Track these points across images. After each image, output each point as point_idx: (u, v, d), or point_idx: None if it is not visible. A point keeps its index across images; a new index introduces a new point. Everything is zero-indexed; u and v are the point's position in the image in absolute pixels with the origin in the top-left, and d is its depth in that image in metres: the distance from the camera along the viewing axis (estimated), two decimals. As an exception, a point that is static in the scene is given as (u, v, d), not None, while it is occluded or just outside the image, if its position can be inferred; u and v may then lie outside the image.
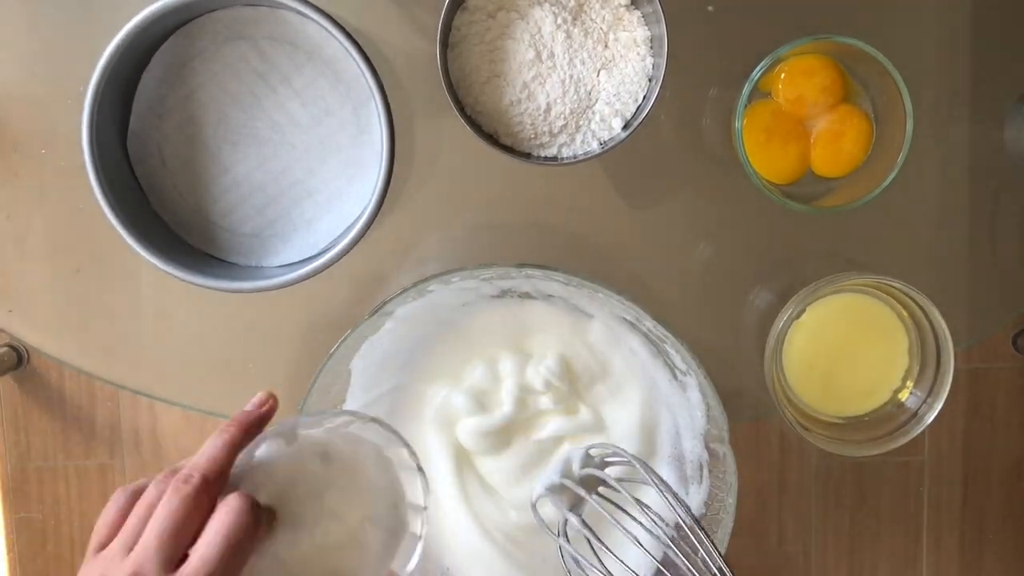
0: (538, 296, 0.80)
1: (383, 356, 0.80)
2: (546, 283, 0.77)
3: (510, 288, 0.79)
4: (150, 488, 0.52)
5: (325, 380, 0.75)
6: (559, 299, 0.80)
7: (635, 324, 0.78)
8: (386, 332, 0.78)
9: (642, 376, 0.81)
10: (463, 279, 0.74)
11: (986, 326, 0.91)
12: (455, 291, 0.77)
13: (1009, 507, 1.21)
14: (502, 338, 0.81)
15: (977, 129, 0.86)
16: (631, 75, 0.76)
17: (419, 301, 0.76)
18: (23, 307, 0.89)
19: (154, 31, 0.75)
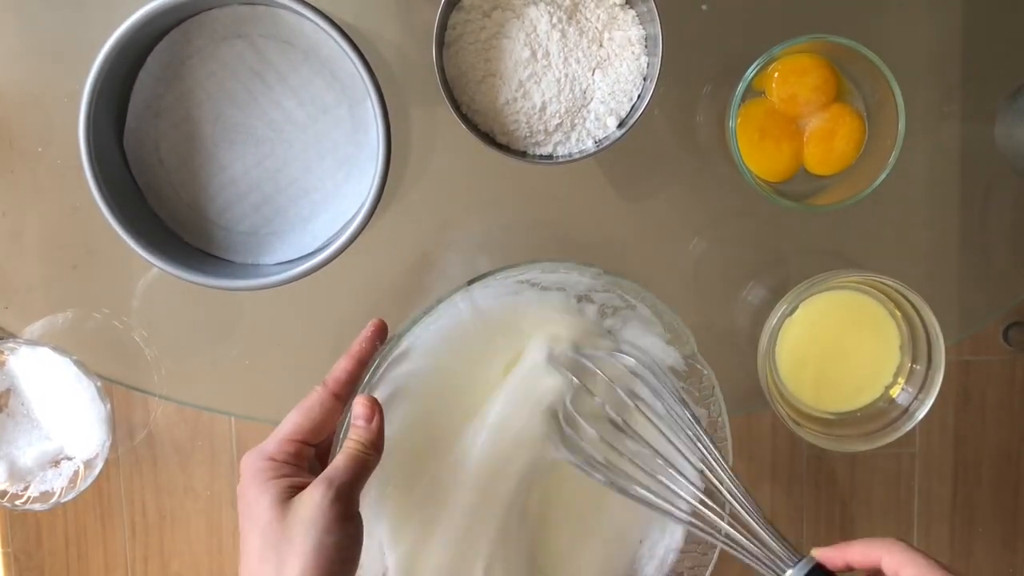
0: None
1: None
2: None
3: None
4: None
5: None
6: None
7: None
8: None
9: None
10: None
11: (976, 321, 0.92)
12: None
13: (999, 498, 1.22)
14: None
15: (968, 126, 0.87)
16: (626, 74, 0.77)
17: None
18: (19, 303, 0.89)
19: (151, 29, 0.76)
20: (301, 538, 0.57)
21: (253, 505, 0.59)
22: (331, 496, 0.58)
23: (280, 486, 0.59)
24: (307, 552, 0.56)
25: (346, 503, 0.59)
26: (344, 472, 0.59)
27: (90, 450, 0.89)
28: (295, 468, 0.61)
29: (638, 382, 0.72)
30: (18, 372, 0.89)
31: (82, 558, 1.31)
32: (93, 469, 0.89)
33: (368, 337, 0.67)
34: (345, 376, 0.65)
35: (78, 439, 0.89)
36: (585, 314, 0.74)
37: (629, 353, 0.73)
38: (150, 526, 1.26)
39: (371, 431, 0.62)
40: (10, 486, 0.89)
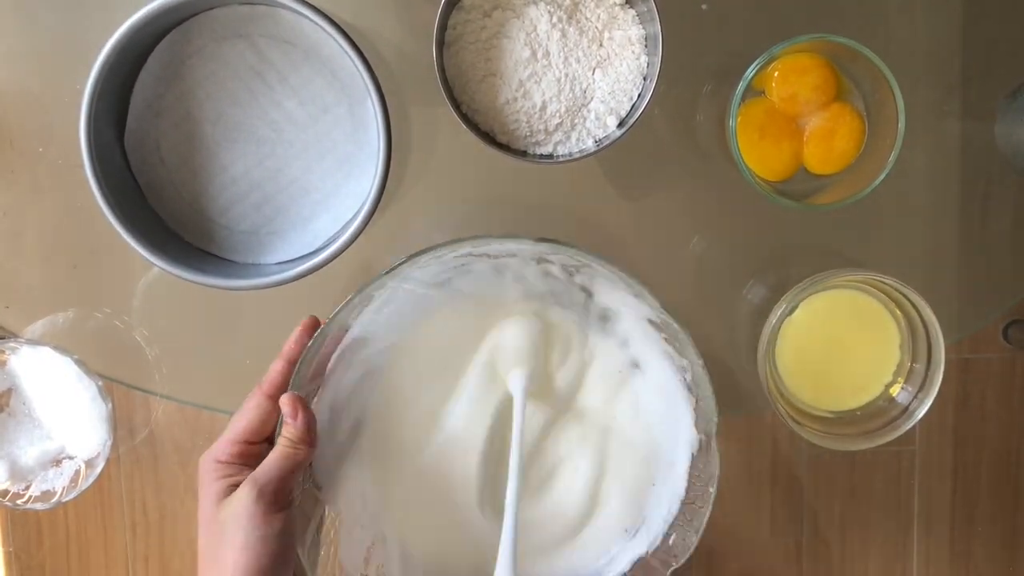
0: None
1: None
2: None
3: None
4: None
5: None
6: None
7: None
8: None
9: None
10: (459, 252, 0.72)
11: (976, 319, 0.92)
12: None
13: (998, 497, 1.22)
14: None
15: (968, 125, 0.87)
16: (626, 73, 0.77)
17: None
18: (20, 303, 0.89)
19: (152, 29, 0.76)
20: (231, 535, 0.60)
21: (200, 506, 0.63)
22: (254, 494, 0.61)
23: (219, 486, 0.63)
24: (238, 547, 0.60)
25: (271, 499, 0.62)
26: (270, 469, 0.63)
27: (91, 449, 0.90)
28: (238, 468, 0.64)
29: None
30: (19, 372, 0.89)
31: (82, 557, 1.31)
32: (94, 468, 0.89)
33: (297, 337, 0.70)
34: (278, 377, 0.67)
35: (79, 438, 0.90)
36: (553, 275, 0.74)
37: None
38: (150, 525, 1.26)
39: (297, 427, 0.64)
40: (11, 485, 0.89)
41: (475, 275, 0.74)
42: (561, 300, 0.76)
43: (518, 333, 0.75)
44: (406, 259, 0.68)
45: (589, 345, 0.77)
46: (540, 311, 0.76)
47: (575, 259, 0.71)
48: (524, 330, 0.75)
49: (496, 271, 0.74)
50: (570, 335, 0.76)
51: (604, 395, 0.77)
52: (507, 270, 0.74)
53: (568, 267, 0.73)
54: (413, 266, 0.69)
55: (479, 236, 0.69)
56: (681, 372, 0.73)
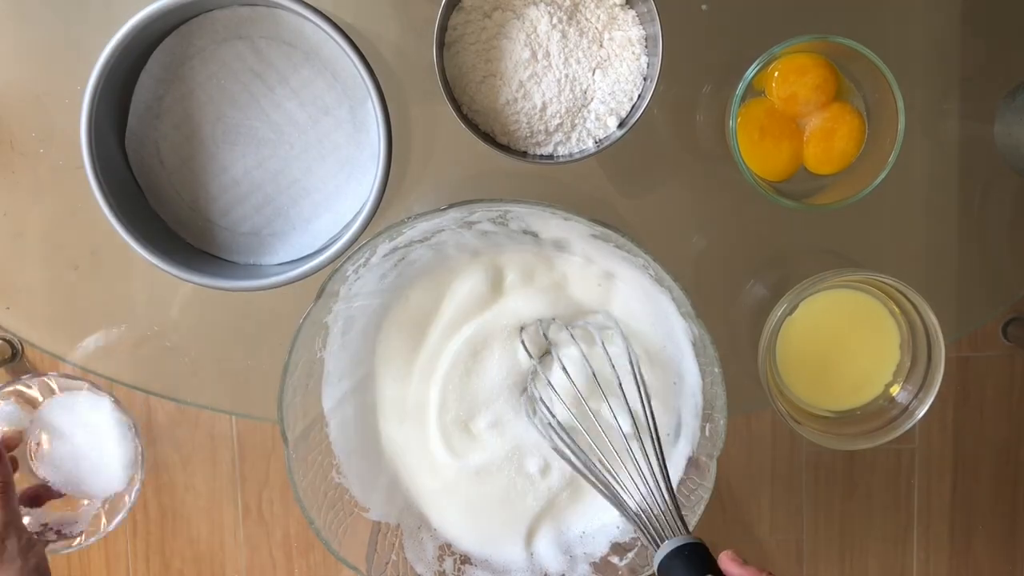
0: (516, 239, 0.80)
1: (354, 335, 0.81)
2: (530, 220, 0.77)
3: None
4: None
5: (298, 377, 0.76)
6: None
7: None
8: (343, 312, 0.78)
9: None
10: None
11: (976, 318, 0.92)
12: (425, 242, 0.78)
13: (998, 495, 1.22)
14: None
15: (967, 125, 0.87)
16: (626, 74, 0.77)
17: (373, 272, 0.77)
18: (21, 304, 0.89)
19: (152, 31, 0.76)
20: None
21: None
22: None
23: None
24: None
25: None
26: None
27: (116, 488, 0.90)
28: None
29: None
30: (50, 416, 0.89)
31: (83, 556, 1.31)
32: (122, 507, 0.89)
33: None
34: None
35: (105, 480, 0.89)
36: (488, 231, 0.77)
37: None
38: (151, 524, 1.26)
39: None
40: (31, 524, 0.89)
41: (417, 263, 0.78)
42: (508, 246, 0.79)
43: (466, 283, 0.79)
44: (320, 292, 0.72)
45: (556, 268, 0.80)
46: (488, 260, 0.79)
47: (494, 209, 0.73)
48: (472, 278, 0.79)
49: (435, 250, 0.77)
50: (530, 264, 0.79)
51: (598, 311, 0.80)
52: (444, 245, 0.77)
53: (496, 219, 0.75)
54: (345, 284, 0.73)
55: (393, 225, 0.71)
56: (644, 270, 0.74)
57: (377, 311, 0.79)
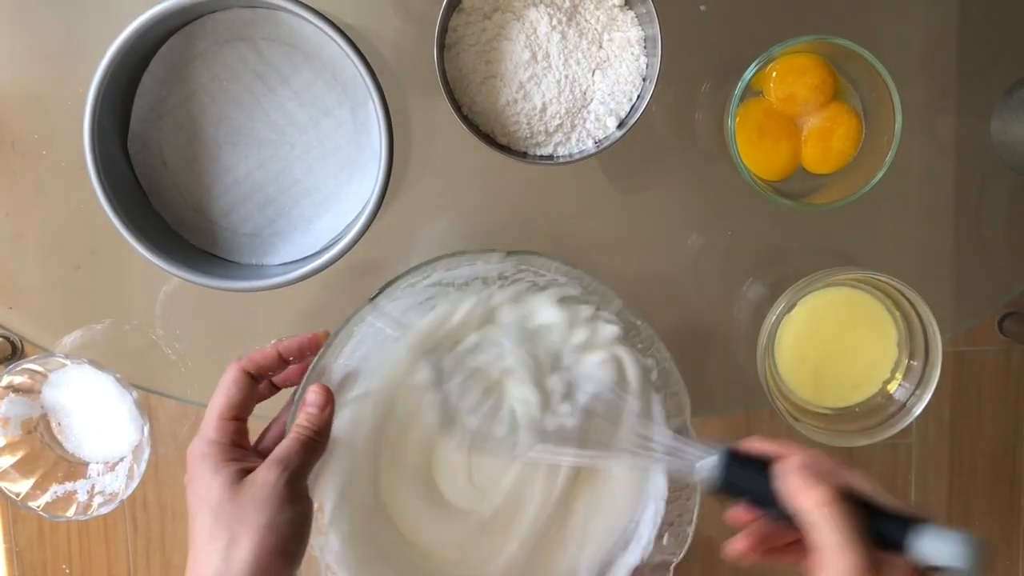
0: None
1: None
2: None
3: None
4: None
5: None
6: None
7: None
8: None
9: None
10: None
11: (973, 315, 0.93)
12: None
13: (995, 490, 1.23)
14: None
15: (964, 123, 0.87)
16: (625, 75, 0.77)
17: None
18: (23, 304, 0.89)
19: (155, 33, 0.76)
20: (254, 516, 0.60)
21: (204, 487, 0.61)
22: (285, 477, 0.61)
23: (231, 468, 0.62)
24: (260, 528, 0.59)
25: (297, 483, 0.62)
26: (296, 455, 0.63)
27: (134, 442, 0.90)
28: (241, 451, 0.64)
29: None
30: (53, 395, 0.90)
31: (84, 553, 1.32)
32: (134, 478, 0.90)
33: (301, 341, 0.69)
34: (262, 360, 0.68)
35: (124, 435, 0.90)
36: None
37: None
38: (151, 520, 1.27)
39: (322, 419, 0.65)
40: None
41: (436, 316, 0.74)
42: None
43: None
44: (391, 283, 0.69)
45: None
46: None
47: (540, 274, 0.73)
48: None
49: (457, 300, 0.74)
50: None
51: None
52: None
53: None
54: (391, 296, 0.70)
55: (450, 255, 0.70)
56: (646, 372, 0.74)
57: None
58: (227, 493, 0.60)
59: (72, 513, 0.88)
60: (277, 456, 0.62)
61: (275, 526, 0.60)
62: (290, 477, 0.61)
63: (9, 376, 0.86)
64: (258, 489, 0.61)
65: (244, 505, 0.60)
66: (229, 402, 0.65)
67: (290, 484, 0.61)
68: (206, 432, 0.64)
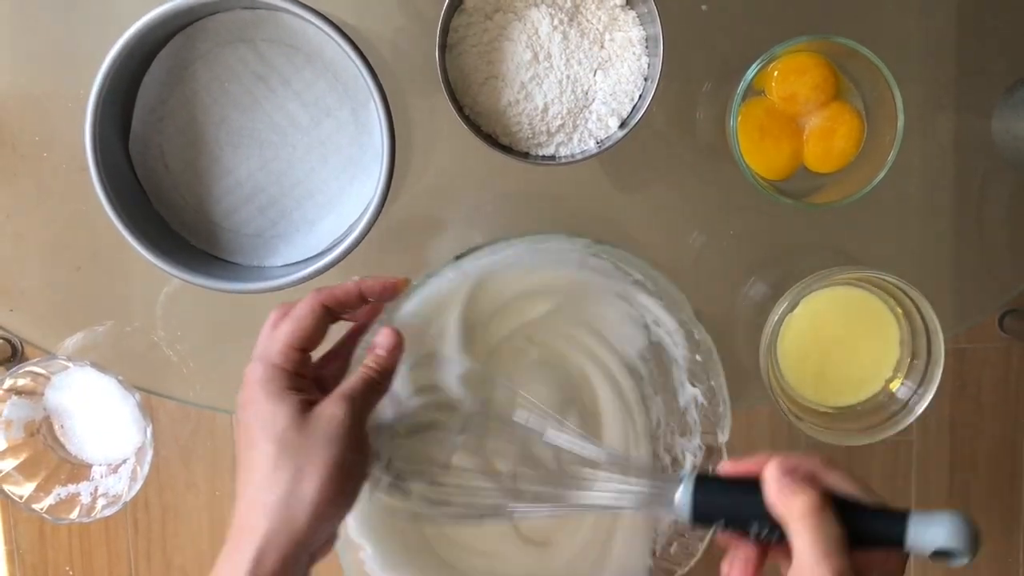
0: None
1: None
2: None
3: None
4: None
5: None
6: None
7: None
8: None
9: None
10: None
11: (974, 314, 0.93)
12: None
13: (995, 487, 1.23)
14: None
15: (965, 122, 0.87)
16: (627, 75, 0.77)
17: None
18: (24, 306, 0.89)
19: (156, 35, 0.76)
20: (322, 450, 0.58)
21: (268, 414, 0.60)
22: (353, 413, 0.60)
23: (296, 398, 0.60)
24: (328, 463, 0.58)
25: (361, 423, 0.61)
26: (361, 392, 0.62)
27: (137, 444, 0.90)
28: (305, 382, 0.62)
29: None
30: (56, 397, 0.90)
31: (85, 554, 1.32)
32: (136, 480, 0.90)
33: (386, 284, 0.67)
34: (343, 296, 0.65)
35: (127, 436, 0.90)
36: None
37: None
38: (152, 521, 1.26)
39: (390, 361, 0.64)
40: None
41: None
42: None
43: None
44: (478, 247, 0.70)
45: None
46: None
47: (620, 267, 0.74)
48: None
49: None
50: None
51: None
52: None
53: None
54: (476, 256, 0.71)
55: (544, 232, 0.71)
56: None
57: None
58: (294, 422, 0.59)
59: (75, 515, 0.88)
60: (344, 392, 0.61)
61: (342, 463, 0.59)
62: (357, 414, 0.60)
63: (12, 379, 0.85)
64: (327, 423, 0.59)
65: (312, 438, 0.59)
66: (302, 333, 0.62)
67: (355, 423, 0.60)
68: (271, 356, 0.62)
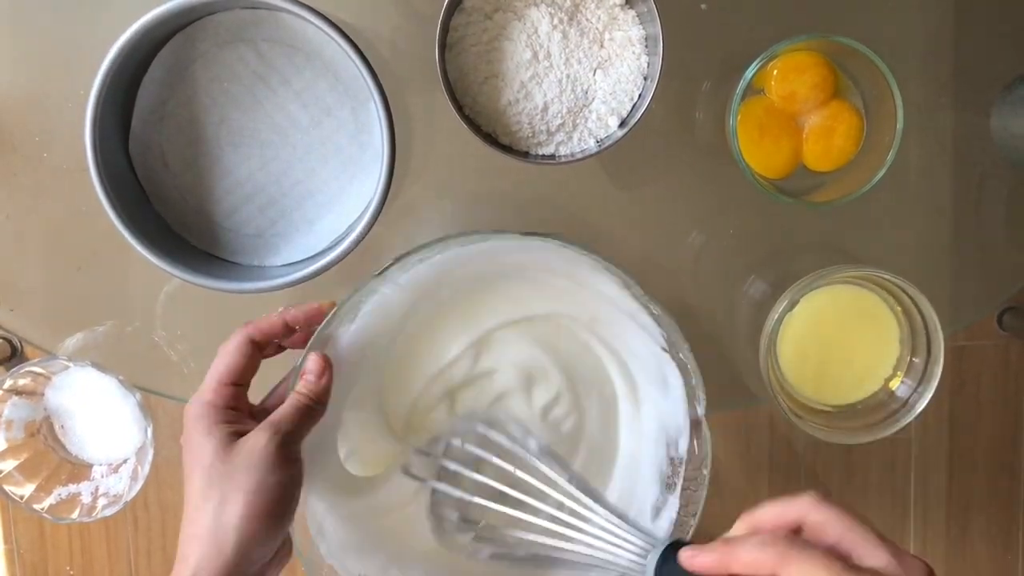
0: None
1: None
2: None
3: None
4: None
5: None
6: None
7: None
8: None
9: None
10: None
11: (973, 312, 0.93)
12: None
13: (994, 484, 1.23)
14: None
15: (963, 120, 0.87)
16: (627, 74, 0.77)
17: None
18: (24, 306, 0.89)
19: (155, 34, 0.76)
20: (244, 477, 0.60)
21: (197, 448, 0.62)
22: (277, 440, 0.62)
23: (224, 431, 0.62)
24: (249, 490, 0.60)
25: (288, 447, 0.63)
26: (289, 419, 0.63)
27: (138, 444, 0.90)
28: (236, 414, 0.65)
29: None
30: (56, 398, 0.90)
31: (85, 552, 1.32)
32: (137, 480, 0.90)
33: (310, 311, 0.69)
34: (268, 328, 0.68)
35: (127, 436, 0.90)
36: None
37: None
38: (152, 521, 1.27)
39: (320, 386, 0.66)
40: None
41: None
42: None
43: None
44: (393, 261, 0.68)
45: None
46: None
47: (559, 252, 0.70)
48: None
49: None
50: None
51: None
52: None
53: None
54: (400, 269, 0.69)
55: (464, 233, 0.69)
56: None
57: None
58: (219, 455, 0.61)
59: (76, 515, 0.88)
60: (270, 420, 0.63)
61: (264, 488, 0.60)
62: (281, 441, 0.62)
63: (12, 379, 0.86)
64: (248, 452, 0.61)
65: (235, 466, 0.61)
66: (229, 368, 0.65)
67: (281, 448, 0.62)
68: (203, 394, 0.64)
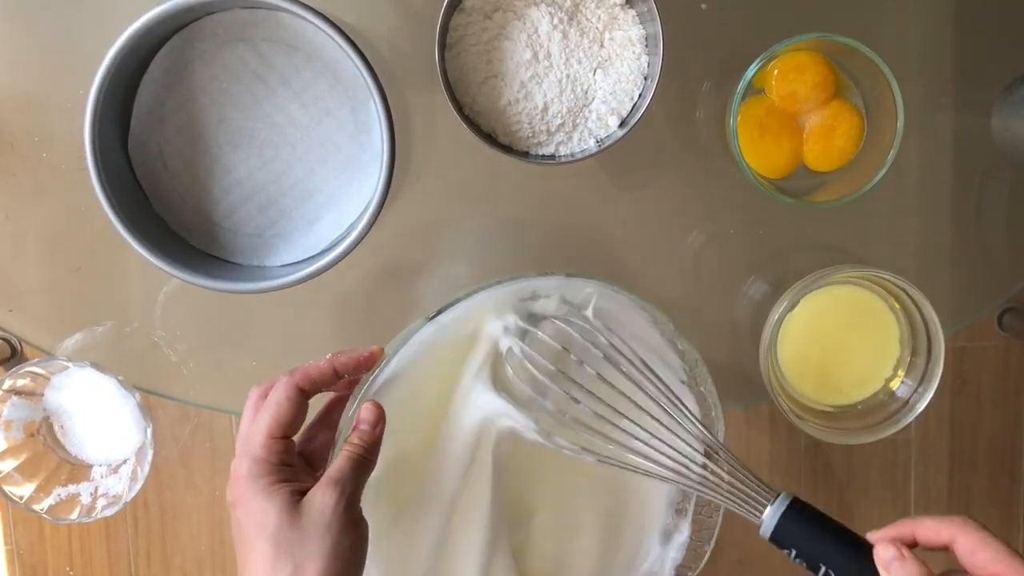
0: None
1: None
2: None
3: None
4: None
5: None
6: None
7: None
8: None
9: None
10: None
11: (974, 312, 0.93)
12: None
13: (995, 485, 1.23)
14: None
15: (964, 120, 0.87)
16: (627, 74, 0.77)
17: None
18: (23, 306, 0.89)
19: (154, 34, 0.76)
20: (318, 542, 0.57)
21: (259, 512, 0.59)
22: (344, 500, 0.59)
23: (285, 491, 0.59)
24: (324, 555, 0.57)
25: (354, 505, 0.60)
26: (350, 474, 0.60)
27: (138, 444, 0.90)
28: (291, 470, 0.61)
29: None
30: (56, 398, 0.90)
31: (85, 555, 1.31)
32: (137, 481, 0.90)
33: (360, 358, 0.66)
34: (318, 375, 0.64)
35: (127, 437, 0.90)
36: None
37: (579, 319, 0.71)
38: (152, 521, 1.26)
39: (374, 435, 0.63)
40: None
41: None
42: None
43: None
44: (445, 307, 0.67)
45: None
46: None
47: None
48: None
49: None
50: None
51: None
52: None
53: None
54: (448, 315, 0.68)
55: (512, 277, 0.69)
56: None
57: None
58: (285, 518, 0.58)
59: (76, 516, 0.88)
60: (332, 477, 0.60)
61: (339, 553, 0.58)
62: (348, 500, 0.59)
63: (11, 379, 0.85)
64: (319, 514, 0.58)
65: (306, 531, 0.58)
66: (279, 421, 0.62)
67: (348, 507, 0.59)
68: (253, 450, 0.61)
